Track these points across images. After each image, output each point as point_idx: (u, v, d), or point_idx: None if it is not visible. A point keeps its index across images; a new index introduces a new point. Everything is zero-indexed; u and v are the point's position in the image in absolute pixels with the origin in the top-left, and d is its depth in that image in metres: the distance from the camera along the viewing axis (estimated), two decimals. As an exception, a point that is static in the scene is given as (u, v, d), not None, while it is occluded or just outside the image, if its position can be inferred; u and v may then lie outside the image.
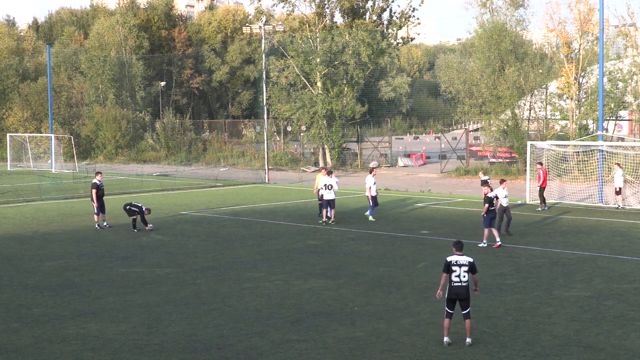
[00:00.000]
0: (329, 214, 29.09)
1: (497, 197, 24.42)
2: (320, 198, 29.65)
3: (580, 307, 16.53)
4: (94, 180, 28.79)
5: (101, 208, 28.43)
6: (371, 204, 30.26)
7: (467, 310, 13.81)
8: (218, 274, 20.19)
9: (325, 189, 29.09)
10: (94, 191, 28.29)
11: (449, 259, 13.86)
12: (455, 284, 13.75)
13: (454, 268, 13.79)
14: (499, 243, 23.78)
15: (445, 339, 13.81)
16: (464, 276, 13.74)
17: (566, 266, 20.91)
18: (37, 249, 24.36)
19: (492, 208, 23.88)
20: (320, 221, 29.24)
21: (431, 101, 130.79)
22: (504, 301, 17.06)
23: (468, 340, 13.80)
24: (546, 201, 34.48)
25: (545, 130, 49.34)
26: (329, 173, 29.85)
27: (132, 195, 40.05)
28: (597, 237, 25.58)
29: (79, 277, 19.99)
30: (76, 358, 13.43)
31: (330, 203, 29.11)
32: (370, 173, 30.98)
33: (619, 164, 33.18)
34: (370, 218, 30.04)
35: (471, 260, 13.94)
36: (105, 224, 28.51)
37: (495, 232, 24.00)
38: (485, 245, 23.67)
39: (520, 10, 51.44)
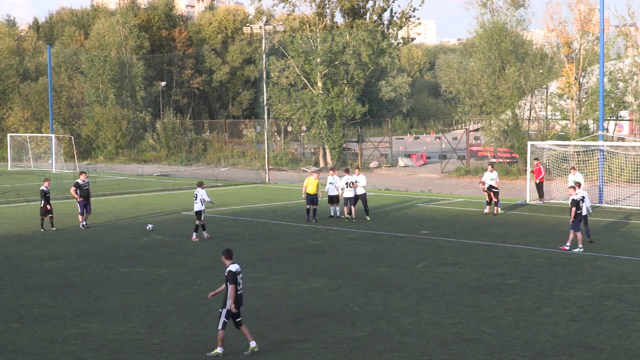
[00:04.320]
0: (350, 212, 30.11)
1: (583, 200, 23.39)
2: (309, 202, 29.94)
3: (581, 307, 16.53)
4: (77, 180, 29.23)
5: (86, 208, 28.72)
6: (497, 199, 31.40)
7: (241, 317, 13.54)
8: (218, 274, 20.15)
9: (347, 187, 30.10)
10: (73, 189, 28.84)
11: (233, 269, 13.25)
12: (240, 292, 13.39)
13: (238, 277, 13.34)
14: (568, 247, 23.16)
15: (220, 349, 13.33)
16: (241, 284, 13.49)
17: (566, 266, 20.91)
18: (37, 249, 24.38)
19: (579, 211, 23.00)
20: (344, 218, 30.07)
21: (431, 101, 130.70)
22: (504, 301, 17.07)
23: (253, 344, 13.53)
24: (544, 195, 34.85)
25: (545, 130, 49.34)
26: (346, 171, 31.05)
27: (133, 196, 40.07)
28: (597, 237, 25.54)
29: (79, 277, 20.00)
30: (77, 358, 13.43)
31: (350, 200, 30.08)
32: (491, 171, 32.28)
33: (574, 168, 32.80)
34: (500, 210, 31.42)
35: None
36: (84, 223, 28.65)
37: (573, 235, 23.15)
38: (582, 249, 22.89)
39: (521, 10, 51.49)
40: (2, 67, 78.03)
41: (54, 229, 28.17)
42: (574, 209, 22.91)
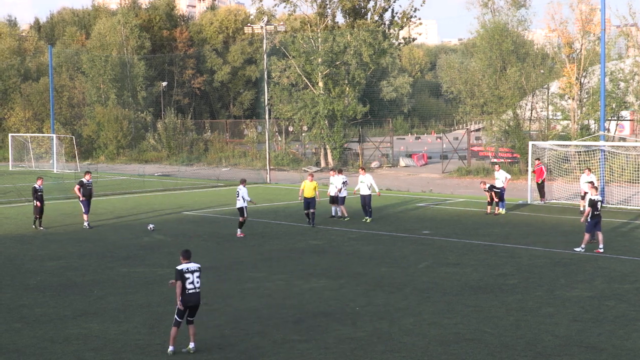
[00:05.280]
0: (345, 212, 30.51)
1: (601, 203, 22.93)
2: (306, 206, 29.02)
3: (582, 307, 16.53)
4: (81, 179, 29.34)
5: (86, 208, 28.73)
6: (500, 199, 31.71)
7: (194, 316, 13.69)
8: (219, 274, 20.19)
9: (344, 187, 30.45)
10: (76, 187, 28.93)
11: (179, 267, 13.52)
12: (190, 292, 13.47)
13: (187, 275, 13.47)
14: (601, 249, 22.80)
15: (171, 348, 13.50)
16: (198, 282, 13.56)
17: (568, 266, 20.90)
18: (38, 249, 24.39)
19: (597, 212, 22.57)
20: (347, 218, 30.17)
21: (433, 101, 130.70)
22: (505, 301, 17.07)
23: (192, 345, 13.62)
24: (545, 195, 34.94)
25: (546, 131, 49.32)
26: (340, 171, 31.36)
27: (134, 196, 40.10)
28: (599, 237, 25.54)
29: (80, 277, 20.01)
30: (78, 358, 13.44)
31: (340, 200, 30.43)
32: (497, 170, 33.13)
33: (589, 169, 32.65)
34: (502, 211, 31.53)
35: (199, 265, 13.79)
36: (87, 222, 28.61)
37: (589, 236, 22.85)
38: (583, 250, 22.67)
39: (522, 10, 51.41)
40: (3, 67, 78.04)
41: (42, 228, 28.30)
42: (590, 209, 22.61)
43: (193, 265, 13.68)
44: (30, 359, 13.43)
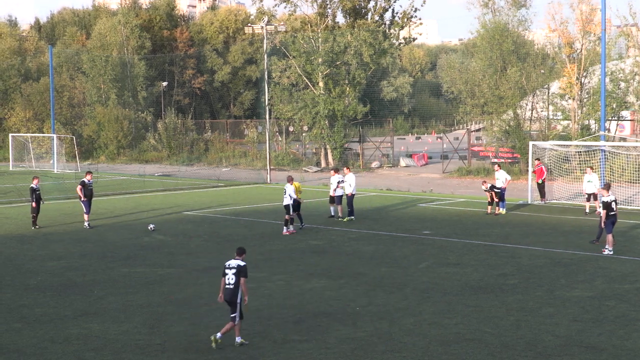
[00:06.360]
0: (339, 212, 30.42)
1: (615, 202, 22.68)
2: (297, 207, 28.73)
3: (582, 307, 16.53)
4: (83, 179, 29.33)
5: (87, 208, 28.78)
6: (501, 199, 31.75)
7: (233, 314, 13.86)
8: (219, 274, 20.11)
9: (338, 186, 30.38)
10: (79, 187, 28.97)
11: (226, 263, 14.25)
12: (226, 286, 13.98)
13: (226, 271, 14.08)
14: (607, 250, 22.59)
15: (238, 339, 13.93)
16: (232, 279, 13.92)
17: (568, 266, 20.90)
18: (38, 249, 24.39)
19: (613, 213, 22.34)
20: (346, 219, 29.93)
21: (433, 101, 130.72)
22: (505, 301, 17.07)
23: (218, 335, 13.80)
24: (546, 195, 34.93)
25: (547, 131, 49.33)
26: (336, 170, 31.16)
27: (135, 196, 40.11)
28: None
29: (80, 277, 20.01)
30: (78, 358, 13.44)
31: (336, 199, 30.25)
32: (497, 170, 33.24)
33: (591, 168, 32.47)
34: (502, 211, 31.53)
35: (241, 264, 14.03)
36: (88, 222, 28.60)
37: (611, 237, 22.57)
38: (612, 252, 22.42)
39: (522, 10, 51.41)
40: (3, 67, 78.06)
41: (37, 226, 28.44)
42: (605, 211, 22.39)
43: (233, 262, 14.10)
44: (31, 359, 13.43)
